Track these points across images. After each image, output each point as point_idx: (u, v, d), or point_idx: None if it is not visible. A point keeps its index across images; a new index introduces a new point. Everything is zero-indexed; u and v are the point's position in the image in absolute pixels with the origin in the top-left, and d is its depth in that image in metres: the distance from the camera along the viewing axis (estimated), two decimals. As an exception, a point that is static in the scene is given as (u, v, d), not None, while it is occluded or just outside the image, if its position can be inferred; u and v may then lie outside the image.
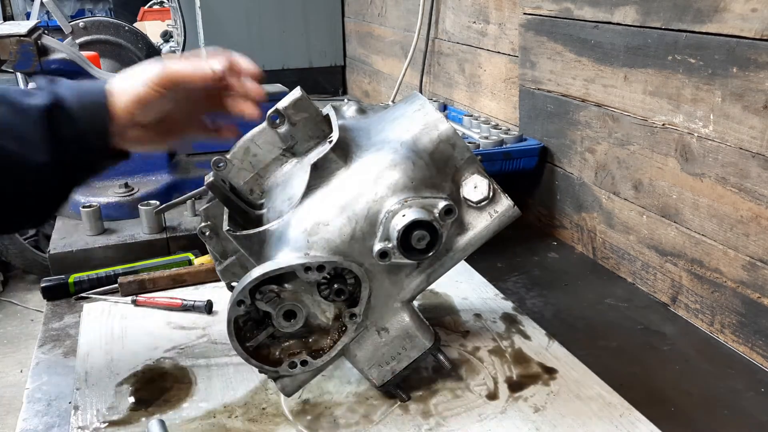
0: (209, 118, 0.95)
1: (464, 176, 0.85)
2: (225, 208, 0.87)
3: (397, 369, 0.84)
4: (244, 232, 0.81)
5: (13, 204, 0.84)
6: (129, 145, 0.88)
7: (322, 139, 0.89)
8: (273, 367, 0.79)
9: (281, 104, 0.87)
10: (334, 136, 0.82)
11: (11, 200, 0.84)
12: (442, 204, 0.78)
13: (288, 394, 0.84)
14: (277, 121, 0.88)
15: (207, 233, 0.91)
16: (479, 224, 0.85)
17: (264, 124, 0.89)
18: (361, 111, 0.94)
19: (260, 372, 0.81)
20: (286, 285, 0.78)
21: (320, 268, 0.75)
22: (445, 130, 0.83)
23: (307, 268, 0.75)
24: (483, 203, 0.84)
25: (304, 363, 0.79)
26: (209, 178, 0.86)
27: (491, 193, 0.84)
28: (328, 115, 0.89)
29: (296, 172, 0.87)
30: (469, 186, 0.84)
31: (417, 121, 0.84)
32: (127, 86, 0.84)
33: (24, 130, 0.80)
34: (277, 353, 0.80)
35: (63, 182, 0.85)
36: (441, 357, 0.88)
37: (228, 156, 0.90)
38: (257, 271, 0.75)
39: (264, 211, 0.87)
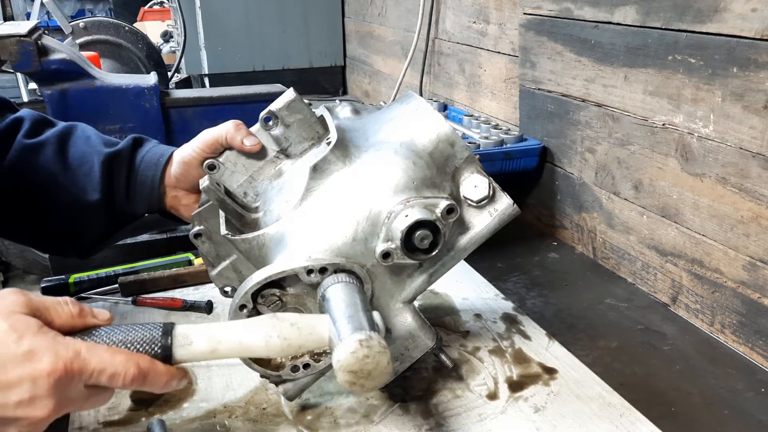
0: None
1: (464, 175, 0.85)
2: (220, 212, 0.86)
3: (399, 369, 0.84)
4: (243, 236, 0.80)
5: (67, 231, 0.97)
6: (171, 208, 0.96)
7: (316, 141, 0.88)
8: (275, 371, 0.79)
9: (274, 106, 0.87)
10: (333, 137, 0.82)
11: (67, 228, 0.96)
12: (443, 203, 0.78)
13: (290, 398, 0.84)
14: (270, 122, 0.87)
15: (200, 237, 0.88)
16: (479, 223, 0.85)
17: (257, 126, 0.89)
18: (355, 112, 0.93)
19: (262, 377, 0.81)
20: (288, 288, 0.77)
21: (322, 270, 0.75)
22: (444, 130, 0.83)
23: (309, 270, 0.74)
24: (483, 202, 0.84)
25: (306, 366, 0.78)
26: (204, 181, 0.86)
27: (491, 192, 0.84)
28: (322, 116, 0.89)
29: (292, 174, 0.87)
30: (469, 185, 0.84)
31: (415, 121, 0.84)
32: (185, 153, 0.93)
33: (93, 170, 0.93)
34: (279, 358, 0.80)
35: (110, 223, 0.96)
36: (443, 356, 0.88)
37: (221, 159, 0.89)
38: (259, 275, 0.74)
39: (260, 214, 0.87)
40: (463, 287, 1.17)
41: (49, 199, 0.94)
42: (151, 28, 3.41)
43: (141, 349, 0.66)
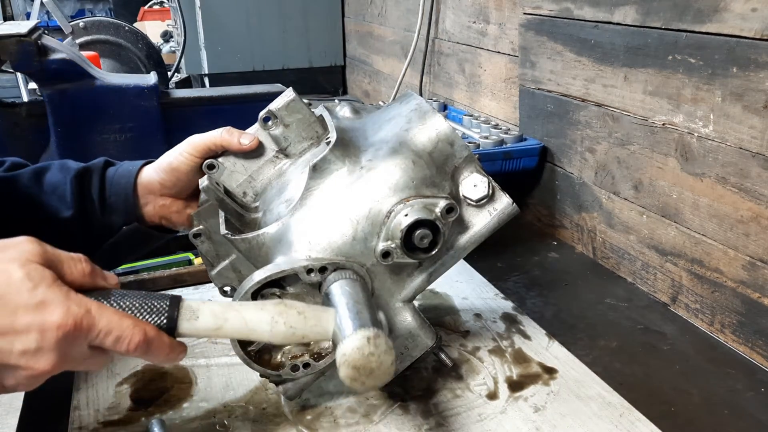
0: None
1: (463, 175, 0.85)
2: (220, 212, 0.86)
3: (399, 369, 0.84)
4: (243, 236, 0.80)
5: None
6: (161, 218, 0.94)
7: (315, 141, 0.88)
8: (275, 370, 0.79)
9: (273, 105, 0.87)
10: (332, 136, 0.82)
11: None
12: (443, 203, 0.78)
13: (290, 398, 0.84)
14: (270, 122, 0.87)
15: (199, 237, 0.88)
16: (479, 222, 0.85)
17: (256, 126, 0.89)
18: (355, 111, 0.93)
19: (262, 376, 0.81)
20: (288, 288, 0.77)
21: (322, 269, 0.75)
22: (444, 129, 0.83)
23: (309, 270, 0.75)
24: (482, 201, 0.84)
25: (306, 366, 0.78)
26: (203, 181, 0.86)
27: (490, 191, 0.84)
28: (321, 116, 0.89)
29: (292, 174, 0.87)
30: (469, 184, 0.84)
31: (414, 121, 0.84)
32: (163, 158, 0.92)
33: (64, 188, 0.91)
34: (279, 357, 0.79)
35: (86, 239, 0.93)
36: (442, 355, 0.88)
37: (220, 159, 0.89)
38: (259, 275, 0.74)
39: (259, 214, 0.87)
40: (463, 287, 1.17)
41: (27, 224, 0.91)
42: (151, 28, 3.41)
43: (147, 317, 0.65)
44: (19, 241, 0.62)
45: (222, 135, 0.88)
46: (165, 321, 0.66)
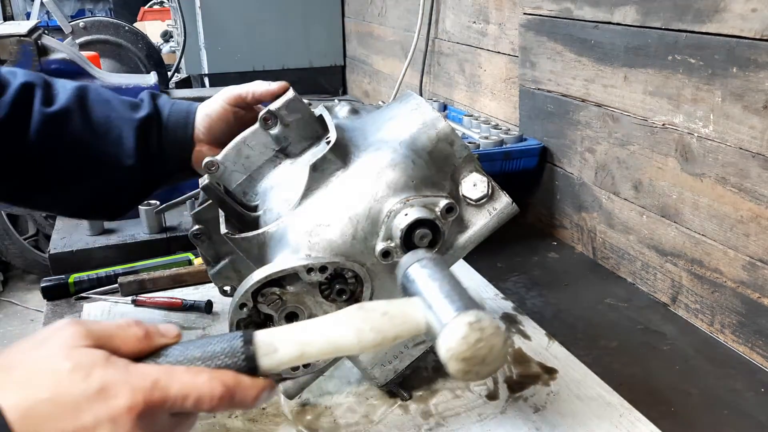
0: None
1: (463, 174, 0.85)
2: (220, 211, 0.86)
3: (399, 368, 0.84)
4: (243, 235, 0.80)
5: (98, 197, 0.97)
6: (195, 163, 0.96)
7: (315, 140, 0.88)
8: None
9: (274, 105, 0.87)
10: (332, 136, 0.82)
11: (98, 194, 0.97)
12: (443, 202, 0.78)
13: (290, 397, 0.84)
14: (270, 122, 0.87)
15: (199, 237, 0.88)
16: (478, 222, 0.85)
17: (256, 125, 0.89)
18: (354, 111, 0.93)
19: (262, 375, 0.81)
20: (287, 287, 0.77)
21: (322, 269, 0.75)
22: (443, 129, 0.83)
23: (309, 269, 0.75)
24: (482, 201, 0.84)
25: (306, 365, 0.79)
26: (204, 180, 0.86)
27: (490, 191, 0.84)
28: (321, 115, 0.89)
29: (292, 174, 0.87)
30: (468, 184, 0.84)
31: (414, 120, 0.84)
32: (208, 107, 0.96)
33: (123, 136, 0.92)
34: None
35: (145, 185, 0.97)
36: (442, 354, 0.88)
37: (220, 158, 0.89)
38: (259, 274, 0.75)
39: (260, 213, 0.87)
40: (463, 287, 1.17)
41: (79, 166, 0.92)
42: (151, 28, 3.41)
43: (222, 364, 0.58)
44: (57, 328, 0.56)
45: (252, 86, 0.94)
46: (244, 362, 0.58)
